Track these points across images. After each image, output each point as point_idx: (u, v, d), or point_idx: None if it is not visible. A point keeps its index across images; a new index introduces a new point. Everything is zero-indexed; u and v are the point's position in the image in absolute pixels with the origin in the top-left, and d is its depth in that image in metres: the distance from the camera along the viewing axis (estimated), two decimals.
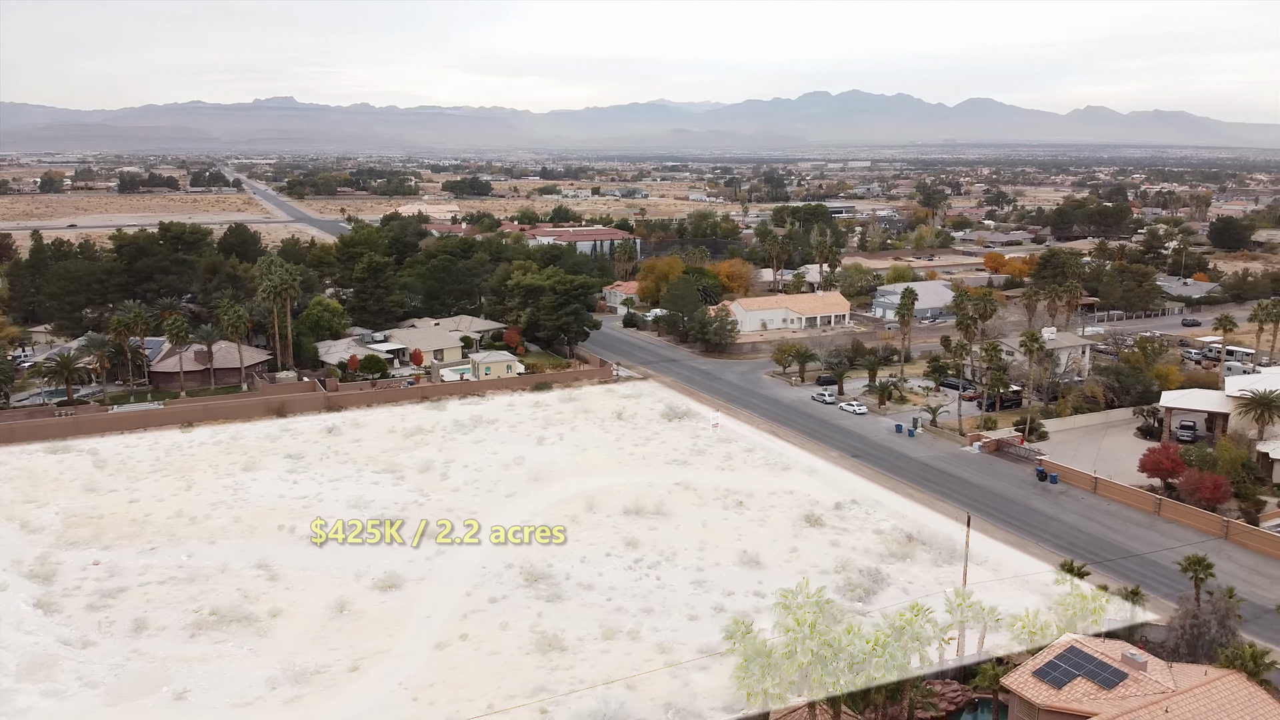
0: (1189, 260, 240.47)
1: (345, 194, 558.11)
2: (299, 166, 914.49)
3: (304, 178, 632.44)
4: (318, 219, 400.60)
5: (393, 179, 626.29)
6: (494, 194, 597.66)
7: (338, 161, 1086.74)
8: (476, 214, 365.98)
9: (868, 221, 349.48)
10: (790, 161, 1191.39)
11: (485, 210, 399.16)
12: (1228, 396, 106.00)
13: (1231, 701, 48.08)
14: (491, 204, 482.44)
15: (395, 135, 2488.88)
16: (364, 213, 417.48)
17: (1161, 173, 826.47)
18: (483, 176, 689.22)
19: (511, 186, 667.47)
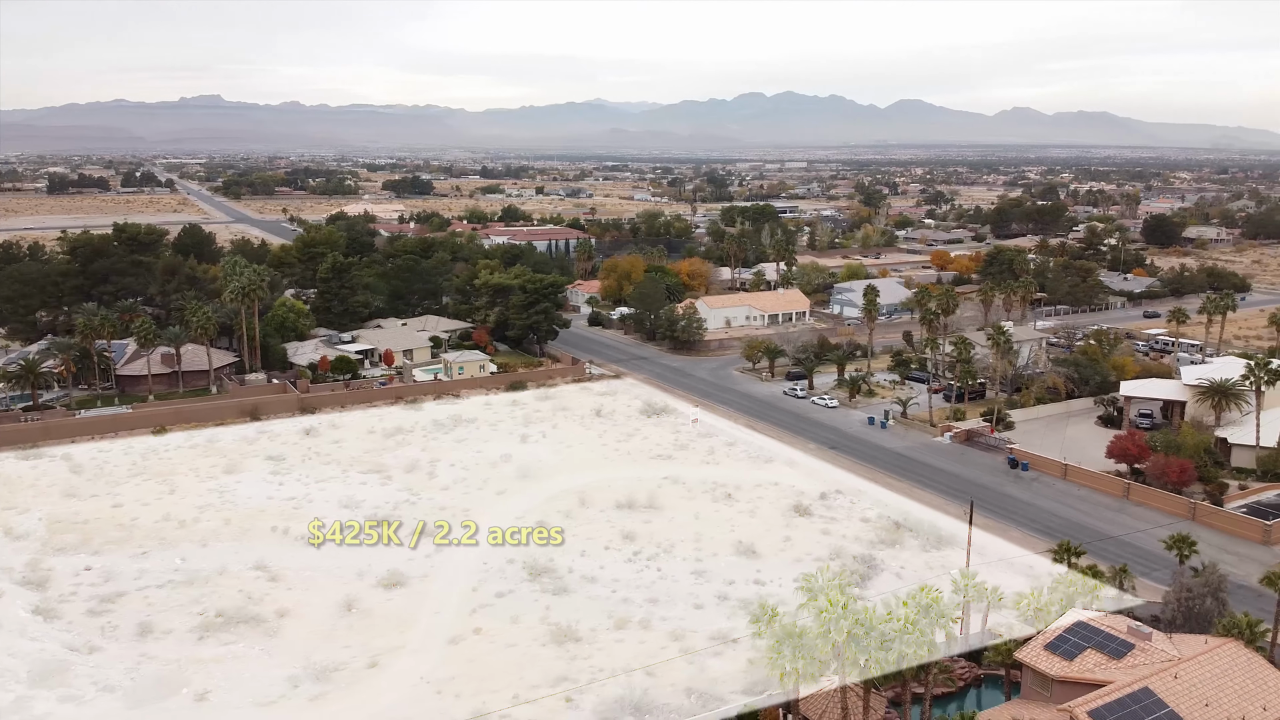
0: (1127, 256, 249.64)
1: (284, 194, 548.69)
2: (230, 166, 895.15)
3: (238, 178, 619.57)
4: (259, 219, 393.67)
5: (332, 178, 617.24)
6: (436, 193, 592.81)
7: (270, 161, 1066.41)
8: (426, 213, 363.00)
9: (814, 221, 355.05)
10: (728, 162, 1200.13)
11: (430, 209, 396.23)
12: (1185, 385, 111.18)
13: (1233, 667, 51.30)
14: (435, 203, 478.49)
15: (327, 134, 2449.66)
16: (307, 212, 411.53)
17: (1088, 172, 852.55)
18: (423, 176, 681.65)
19: (453, 186, 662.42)
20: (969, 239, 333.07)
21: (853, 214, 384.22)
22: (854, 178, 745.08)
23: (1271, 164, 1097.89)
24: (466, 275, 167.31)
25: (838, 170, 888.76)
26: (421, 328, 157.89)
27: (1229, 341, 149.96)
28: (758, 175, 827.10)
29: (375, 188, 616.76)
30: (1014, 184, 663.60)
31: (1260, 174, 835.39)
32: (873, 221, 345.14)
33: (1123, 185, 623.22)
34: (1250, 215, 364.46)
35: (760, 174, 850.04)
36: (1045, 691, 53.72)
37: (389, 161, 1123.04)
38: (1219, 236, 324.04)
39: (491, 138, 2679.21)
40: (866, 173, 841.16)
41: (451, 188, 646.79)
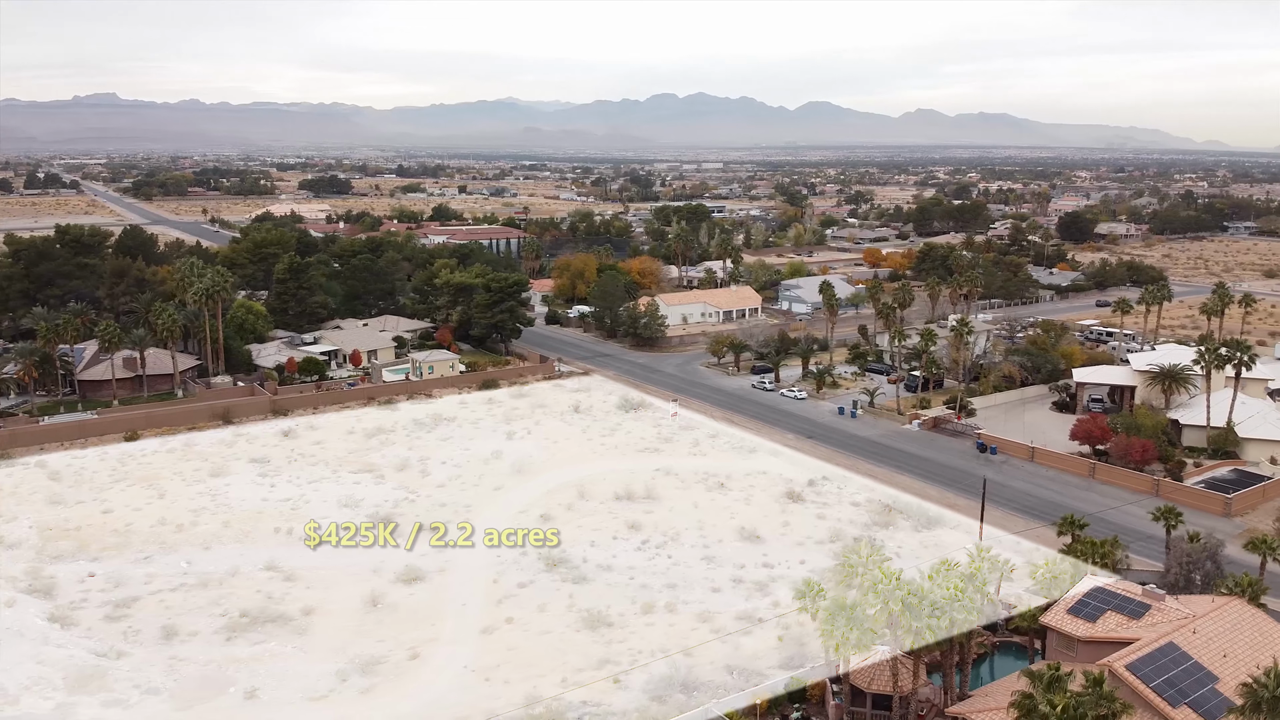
0: (1049, 252, 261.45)
1: (196, 194, 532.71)
2: (132, 166, 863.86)
3: (147, 178, 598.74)
4: (177, 220, 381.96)
5: (246, 178, 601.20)
6: (355, 192, 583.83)
7: (173, 161, 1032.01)
8: (355, 213, 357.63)
9: (744, 220, 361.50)
10: (645, 162, 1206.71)
11: (355, 209, 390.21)
12: (1134, 371, 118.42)
13: (1241, 621, 56.21)
14: (356, 202, 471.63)
15: (228, 133, 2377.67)
16: (226, 213, 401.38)
17: (993, 171, 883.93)
18: (340, 175, 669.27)
19: (372, 185, 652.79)
20: (893, 237, 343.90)
21: (780, 213, 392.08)
22: (771, 178, 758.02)
23: (1164, 162, 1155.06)
24: (424, 275, 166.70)
25: (755, 171, 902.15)
26: (382, 328, 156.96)
27: (1155, 331, 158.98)
28: (677, 175, 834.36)
29: (291, 187, 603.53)
30: (924, 184, 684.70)
31: (1155, 172, 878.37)
32: (802, 221, 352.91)
33: (1028, 184, 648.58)
34: (1156, 212, 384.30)
35: (679, 174, 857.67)
36: (1070, 652, 57.84)
37: (298, 161, 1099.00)
38: (1128, 232, 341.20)
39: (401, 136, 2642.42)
40: (781, 173, 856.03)
41: (370, 186, 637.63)
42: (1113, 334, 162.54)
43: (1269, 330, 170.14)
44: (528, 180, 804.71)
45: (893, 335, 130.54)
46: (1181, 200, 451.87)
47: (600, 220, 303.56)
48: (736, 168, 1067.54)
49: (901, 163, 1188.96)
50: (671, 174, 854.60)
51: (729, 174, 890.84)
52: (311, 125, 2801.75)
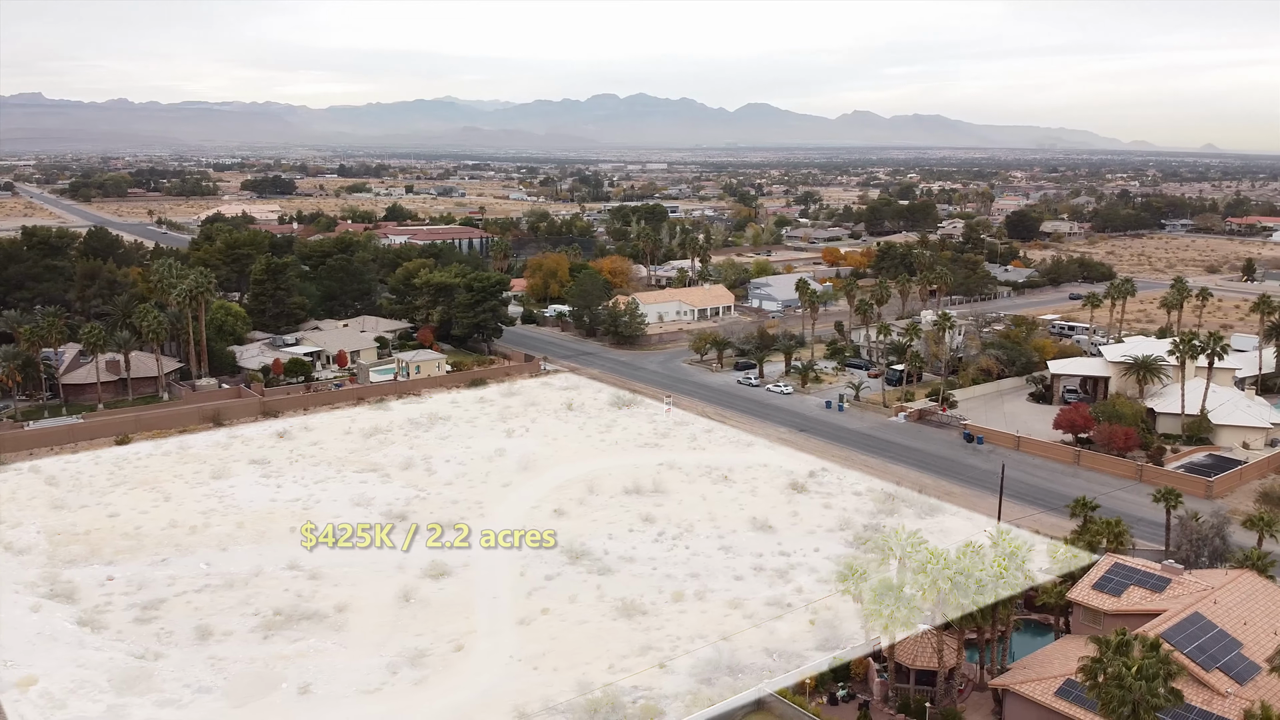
0: (1003, 250, 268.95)
1: (137, 195, 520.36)
2: (63, 168, 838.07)
3: (83, 179, 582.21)
4: (120, 223, 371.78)
5: (187, 179, 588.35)
6: (300, 192, 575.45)
7: (104, 161, 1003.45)
8: (308, 213, 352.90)
9: (700, 220, 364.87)
10: (588, 162, 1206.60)
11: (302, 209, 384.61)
12: (1108, 362, 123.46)
13: (1255, 592, 59.98)
14: (303, 202, 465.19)
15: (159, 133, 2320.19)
16: (172, 214, 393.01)
17: (932, 171, 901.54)
18: (283, 175, 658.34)
19: (317, 185, 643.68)
20: (846, 236, 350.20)
21: (734, 213, 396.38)
22: (716, 179, 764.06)
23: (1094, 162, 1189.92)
24: (402, 274, 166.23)
25: (700, 173, 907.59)
26: (362, 328, 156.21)
27: (1120, 325, 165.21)
28: (624, 176, 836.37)
29: (233, 188, 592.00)
30: (866, 185, 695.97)
31: (1087, 172, 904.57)
32: (757, 221, 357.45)
33: (968, 184, 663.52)
34: (1096, 210, 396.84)
35: (626, 175, 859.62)
36: (1096, 625, 61.04)
37: (234, 161, 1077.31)
38: (1072, 230, 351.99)
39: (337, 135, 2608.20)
40: (726, 174, 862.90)
41: (315, 186, 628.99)
42: (1074, 328, 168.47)
43: (1219, 323, 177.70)
44: (473, 180, 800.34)
45: (878, 330, 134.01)
46: (1118, 199, 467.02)
47: (561, 220, 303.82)
48: (681, 168, 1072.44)
49: (840, 164, 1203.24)
50: (617, 174, 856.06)
51: (674, 175, 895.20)
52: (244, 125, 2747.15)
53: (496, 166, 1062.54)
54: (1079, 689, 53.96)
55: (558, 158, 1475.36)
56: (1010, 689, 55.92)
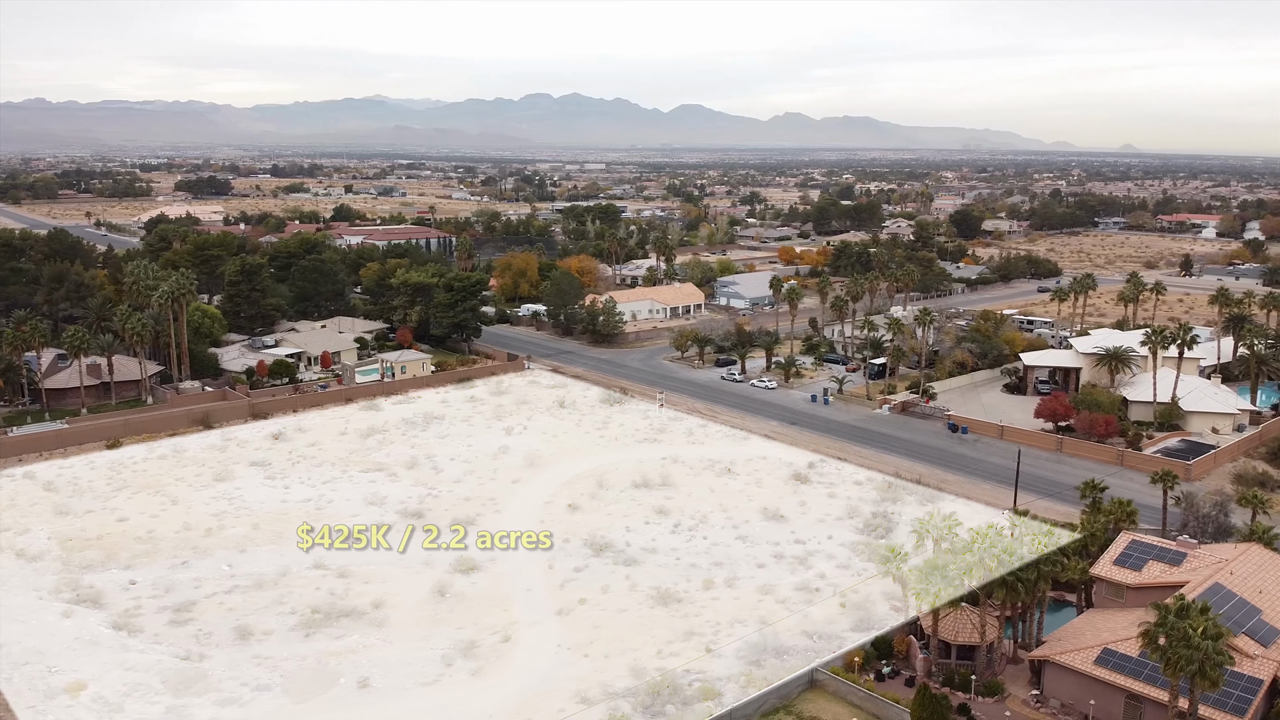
0: (952, 248, 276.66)
1: (68, 197, 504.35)
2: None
3: (9, 180, 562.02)
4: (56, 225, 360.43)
5: (119, 180, 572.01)
6: (235, 193, 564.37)
7: (25, 163, 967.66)
8: (254, 214, 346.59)
9: (653, 220, 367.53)
10: (525, 162, 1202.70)
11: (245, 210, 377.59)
12: (1080, 353, 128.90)
13: (1263, 563, 64.25)
14: (242, 203, 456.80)
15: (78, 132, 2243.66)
16: (107, 215, 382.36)
17: (865, 172, 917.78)
18: (218, 175, 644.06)
19: (253, 185, 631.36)
20: (795, 236, 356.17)
21: (685, 213, 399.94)
22: (658, 179, 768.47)
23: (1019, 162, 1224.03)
24: (377, 274, 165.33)
25: (640, 173, 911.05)
26: (340, 329, 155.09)
27: (1082, 318, 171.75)
28: (564, 176, 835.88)
29: (165, 188, 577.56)
30: (804, 185, 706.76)
31: (1013, 172, 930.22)
32: (709, 220, 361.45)
33: (902, 184, 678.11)
34: (1033, 209, 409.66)
35: (566, 175, 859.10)
36: (1119, 599, 64.80)
37: (159, 161, 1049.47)
38: (1012, 229, 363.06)
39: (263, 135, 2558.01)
40: (665, 175, 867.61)
41: (251, 187, 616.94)
42: (1033, 323, 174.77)
43: (1168, 315, 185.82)
44: (410, 179, 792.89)
45: (863, 326, 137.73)
46: (1051, 198, 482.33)
47: (517, 220, 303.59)
48: (619, 169, 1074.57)
49: (775, 165, 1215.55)
50: (556, 174, 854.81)
51: (613, 175, 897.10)
52: (167, 124, 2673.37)
53: (432, 166, 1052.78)
54: (1116, 657, 57.55)
55: (493, 157, 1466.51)
56: (1050, 660, 59.16)
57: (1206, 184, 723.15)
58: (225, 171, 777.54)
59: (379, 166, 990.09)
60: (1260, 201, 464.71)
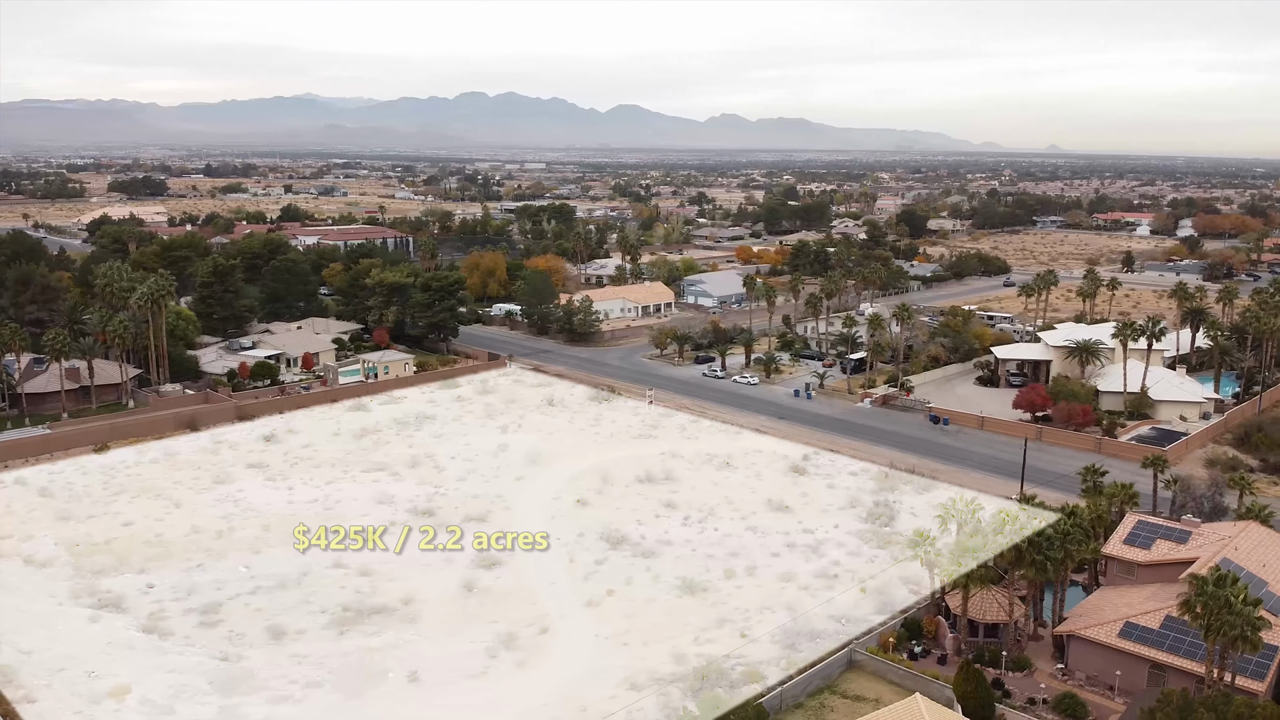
0: (904, 247, 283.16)
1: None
2: None
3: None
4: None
5: (50, 181, 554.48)
6: (173, 193, 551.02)
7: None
8: (197, 215, 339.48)
9: (605, 220, 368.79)
10: (463, 161, 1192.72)
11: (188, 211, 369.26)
12: (1050, 346, 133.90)
13: (1262, 540, 68.33)
14: (181, 203, 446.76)
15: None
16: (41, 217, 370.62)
17: (804, 173, 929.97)
18: (153, 176, 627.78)
19: (189, 185, 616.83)
20: (748, 235, 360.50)
21: (637, 213, 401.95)
22: (601, 179, 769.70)
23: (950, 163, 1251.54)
24: (348, 275, 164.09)
25: (583, 173, 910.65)
26: (315, 330, 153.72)
27: (1044, 313, 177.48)
28: (506, 175, 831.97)
29: (97, 189, 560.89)
30: (746, 186, 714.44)
31: (947, 173, 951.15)
32: (664, 220, 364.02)
33: (841, 185, 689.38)
34: (975, 209, 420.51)
35: (507, 174, 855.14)
36: (1130, 576, 68.38)
37: (85, 162, 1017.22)
38: (955, 227, 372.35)
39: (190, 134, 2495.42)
40: (607, 175, 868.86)
41: (188, 187, 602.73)
42: (993, 318, 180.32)
43: (1118, 310, 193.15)
44: (349, 179, 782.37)
45: (844, 322, 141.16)
46: (989, 198, 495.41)
47: (474, 220, 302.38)
48: (560, 168, 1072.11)
49: (712, 165, 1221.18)
50: (496, 173, 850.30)
51: (555, 175, 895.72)
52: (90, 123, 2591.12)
53: (369, 165, 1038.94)
54: (1139, 629, 60.91)
55: (429, 156, 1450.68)
56: (1076, 634, 62.28)
57: (1134, 183, 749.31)
58: (156, 171, 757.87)
59: (314, 166, 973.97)
60: (1189, 200, 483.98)
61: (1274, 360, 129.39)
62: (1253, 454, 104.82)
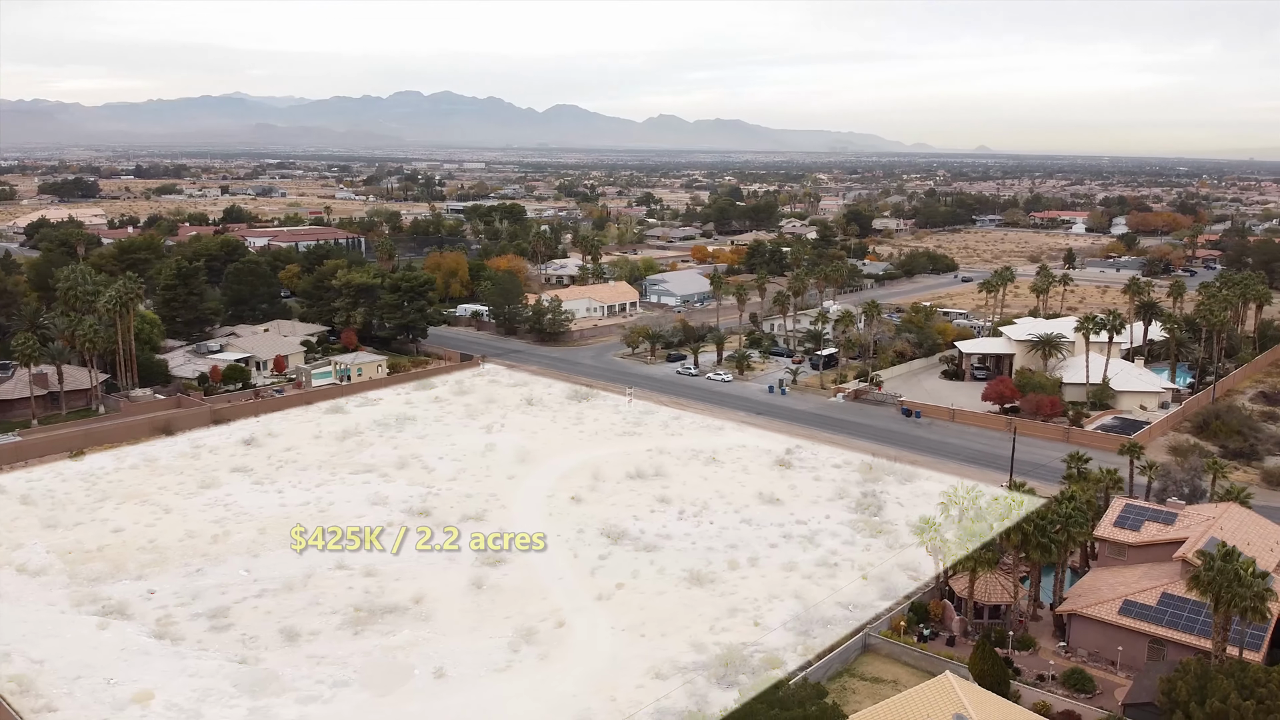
0: (856, 246, 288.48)
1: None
2: None
3: None
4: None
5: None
6: (106, 195, 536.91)
7: None
8: (142, 218, 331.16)
9: (555, 219, 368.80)
10: (398, 160, 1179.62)
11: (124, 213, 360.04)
12: (1013, 340, 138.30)
13: (1243, 520, 72.10)
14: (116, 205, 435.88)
15: None
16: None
17: (745, 174, 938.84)
18: (85, 178, 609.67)
19: (122, 187, 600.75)
20: (699, 235, 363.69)
21: (587, 214, 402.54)
22: (544, 179, 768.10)
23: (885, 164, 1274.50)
24: (314, 276, 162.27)
25: (524, 173, 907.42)
26: (282, 332, 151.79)
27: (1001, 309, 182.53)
28: (446, 175, 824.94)
29: (29, 191, 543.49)
30: (689, 187, 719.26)
31: (882, 173, 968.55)
32: (615, 220, 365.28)
33: (782, 186, 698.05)
34: (916, 209, 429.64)
35: (448, 174, 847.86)
36: (1121, 557, 71.61)
37: (8, 163, 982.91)
38: (899, 227, 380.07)
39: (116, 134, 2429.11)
40: (549, 175, 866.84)
41: (120, 189, 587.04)
42: (949, 313, 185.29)
43: (1064, 305, 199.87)
44: (284, 179, 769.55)
45: (816, 319, 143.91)
46: (928, 197, 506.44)
47: (426, 220, 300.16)
48: (500, 168, 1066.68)
49: (652, 166, 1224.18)
50: (435, 173, 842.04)
51: (495, 174, 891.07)
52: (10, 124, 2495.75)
53: (304, 165, 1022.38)
54: (1138, 607, 63.99)
55: (363, 156, 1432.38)
56: (1077, 613, 65.17)
57: (1063, 183, 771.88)
58: (85, 173, 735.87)
59: (247, 167, 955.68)
60: (1121, 199, 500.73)
61: (1223, 351, 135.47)
62: (1212, 440, 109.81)
